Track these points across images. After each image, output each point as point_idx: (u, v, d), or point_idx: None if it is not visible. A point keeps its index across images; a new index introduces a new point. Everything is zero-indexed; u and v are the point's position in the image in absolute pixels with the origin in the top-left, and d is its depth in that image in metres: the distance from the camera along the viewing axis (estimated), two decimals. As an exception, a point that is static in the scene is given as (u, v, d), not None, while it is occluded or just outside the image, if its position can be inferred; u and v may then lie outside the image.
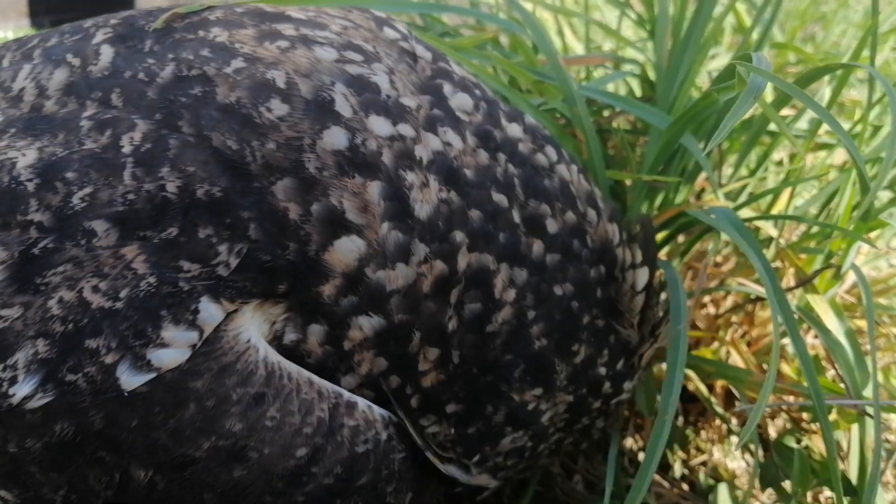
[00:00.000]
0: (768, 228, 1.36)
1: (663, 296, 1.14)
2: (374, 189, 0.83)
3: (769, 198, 1.49)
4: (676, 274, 1.10)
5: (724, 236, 1.47)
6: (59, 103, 0.84)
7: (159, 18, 0.91)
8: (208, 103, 0.83)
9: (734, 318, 1.43)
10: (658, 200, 1.45)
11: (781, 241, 1.35)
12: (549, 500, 1.38)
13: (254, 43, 0.88)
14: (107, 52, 0.88)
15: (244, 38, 0.89)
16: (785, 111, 1.61)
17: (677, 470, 1.44)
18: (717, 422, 1.47)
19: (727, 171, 1.63)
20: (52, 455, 0.76)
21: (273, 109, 0.83)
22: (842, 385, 1.20)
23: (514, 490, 1.39)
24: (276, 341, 0.84)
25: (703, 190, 1.55)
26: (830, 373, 1.37)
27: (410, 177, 0.85)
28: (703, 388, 1.39)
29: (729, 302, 1.45)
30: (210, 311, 0.78)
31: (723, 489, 1.39)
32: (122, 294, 0.75)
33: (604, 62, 1.62)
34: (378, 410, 0.86)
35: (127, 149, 0.80)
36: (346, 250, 0.82)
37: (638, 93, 1.78)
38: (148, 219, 0.77)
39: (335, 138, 0.83)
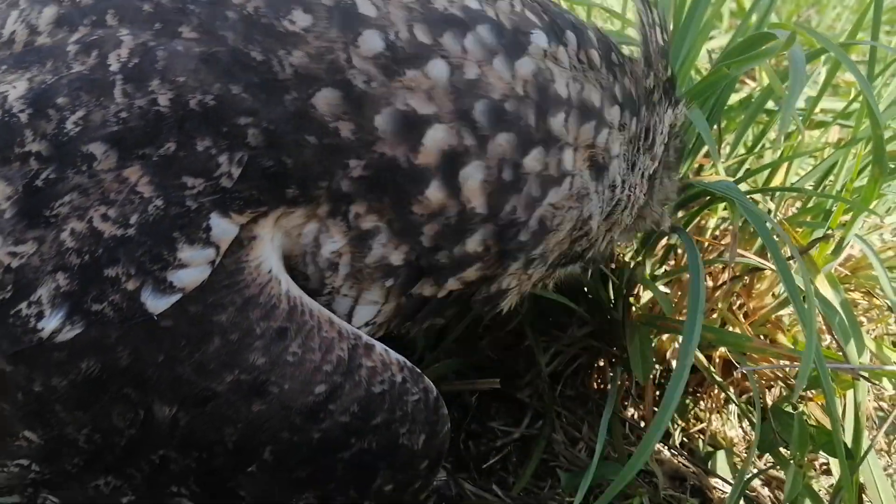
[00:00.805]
0: (766, 203, 1.40)
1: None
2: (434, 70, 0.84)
3: (766, 173, 1.52)
4: (695, 248, 1.14)
5: (720, 210, 1.51)
6: (50, 35, 0.84)
7: None
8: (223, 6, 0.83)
9: (732, 290, 1.47)
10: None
11: (780, 214, 1.38)
12: (553, 468, 1.42)
13: None
14: None
15: None
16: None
17: (677, 437, 1.48)
18: (716, 391, 1.51)
19: (725, 149, 1.67)
20: (78, 393, 0.77)
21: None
22: (839, 353, 1.24)
23: (520, 458, 1.43)
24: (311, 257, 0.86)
25: (701, 167, 1.59)
26: (825, 342, 1.40)
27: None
28: (703, 359, 1.43)
29: (726, 273, 1.49)
30: (222, 227, 0.79)
31: (721, 456, 1.44)
32: (133, 220, 0.76)
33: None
34: (394, 354, 0.87)
35: (115, 66, 0.79)
36: (435, 141, 0.84)
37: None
38: (144, 136, 0.77)
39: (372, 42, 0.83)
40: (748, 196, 1.30)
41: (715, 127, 1.48)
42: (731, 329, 1.46)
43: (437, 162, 0.84)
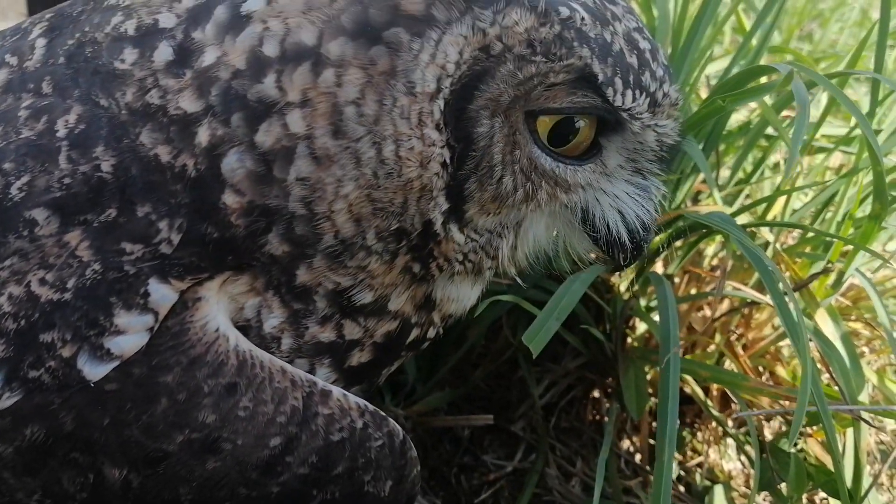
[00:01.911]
0: (765, 232, 1.36)
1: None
2: None
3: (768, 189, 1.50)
4: (669, 292, 1.11)
5: (717, 240, 1.48)
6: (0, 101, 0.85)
7: None
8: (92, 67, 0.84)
9: (730, 322, 1.44)
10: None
11: (778, 245, 1.35)
12: (546, 503, 1.39)
13: None
14: (40, 46, 0.89)
15: None
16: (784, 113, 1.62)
17: (674, 471, 1.45)
18: (714, 424, 1.48)
19: (725, 173, 1.64)
20: (25, 459, 0.76)
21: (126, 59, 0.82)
22: (836, 388, 1.21)
23: (513, 493, 1.40)
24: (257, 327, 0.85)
25: (699, 193, 1.56)
26: (825, 375, 1.37)
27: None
28: (700, 392, 1.40)
29: (725, 305, 1.46)
30: (161, 293, 0.78)
31: (719, 491, 1.40)
32: (70, 284, 0.76)
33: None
34: (353, 399, 0.85)
35: (62, 132, 0.80)
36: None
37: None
38: (86, 201, 0.78)
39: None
40: (746, 228, 1.27)
41: (713, 154, 1.45)
42: (729, 361, 1.43)
43: None
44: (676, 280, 1.48)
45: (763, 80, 1.18)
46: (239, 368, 0.80)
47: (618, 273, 1.41)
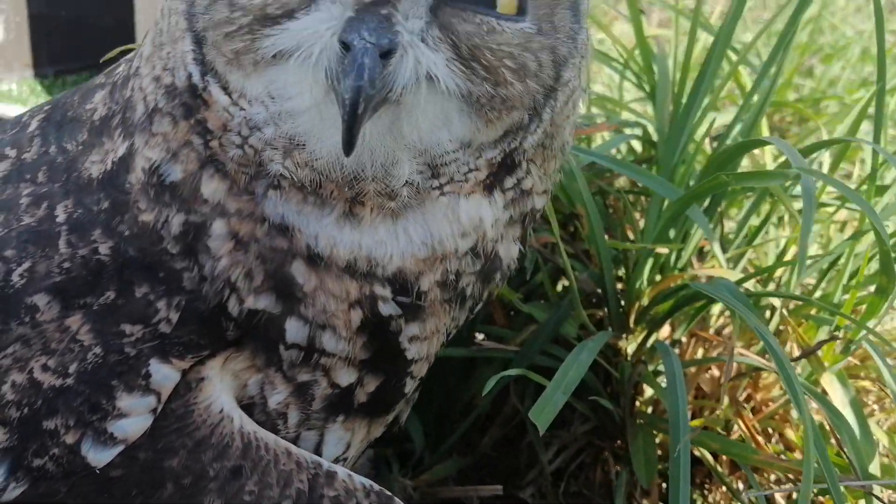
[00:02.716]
0: (771, 299, 1.36)
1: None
2: None
3: (772, 258, 1.49)
4: (677, 366, 1.11)
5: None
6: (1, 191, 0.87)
7: None
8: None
9: (738, 385, 1.43)
10: (661, 264, 1.46)
11: (784, 310, 1.35)
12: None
13: None
14: (37, 136, 0.91)
15: None
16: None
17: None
18: (724, 488, 1.47)
19: (730, 224, 1.64)
20: None
21: None
22: (845, 458, 1.20)
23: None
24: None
25: (703, 249, 1.56)
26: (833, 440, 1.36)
27: None
28: (709, 457, 1.39)
29: (732, 368, 1.45)
30: (163, 373, 0.78)
31: (731, 556, 1.40)
32: (72, 369, 0.76)
33: (608, 130, 1.63)
34: (359, 479, 0.84)
35: (61, 217, 0.82)
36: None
37: (637, 146, 1.79)
38: (86, 285, 0.79)
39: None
40: (751, 297, 1.27)
41: (716, 214, 1.45)
42: (738, 424, 1.42)
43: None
44: (683, 339, 1.48)
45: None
46: (244, 451, 0.79)
47: (625, 337, 1.42)
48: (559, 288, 1.55)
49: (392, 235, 0.82)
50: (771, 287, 1.47)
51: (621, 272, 1.45)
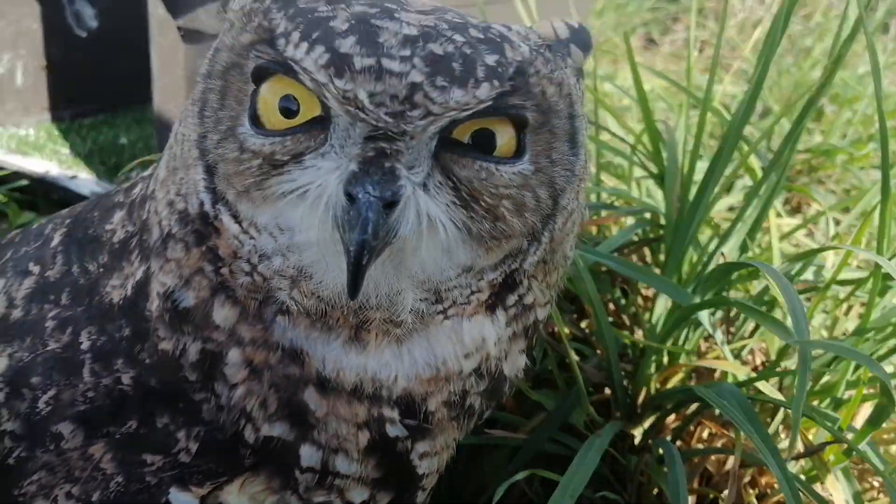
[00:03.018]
0: (774, 392, 1.38)
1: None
2: None
3: (778, 344, 1.51)
4: (680, 472, 1.13)
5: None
6: (24, 310, 0.90)
7: None
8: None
9: (744, 473, 1.45)
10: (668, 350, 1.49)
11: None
12: None
13: None
14: (60, 253, 0.94)
15: None
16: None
17: None
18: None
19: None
20: None
21: None
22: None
23: None
24: None
25: (710, 335, 1.58)
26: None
27: None
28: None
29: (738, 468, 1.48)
30: (181, 500, 0.81)
31: None
32: (95, 497, 0.79)
33: (616, 220, 1.65)
34: None
35: (85, 345, 0.85)
36: None
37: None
38: (109, 414, 0.82)
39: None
40: (754, 398, 1.29)
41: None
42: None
43: None
44: (692, 429, 1.50)
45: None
46: None
47: (633, 422, 1.44)
48: (568, 370, 1.57)
49: (397, 358, 0.85)
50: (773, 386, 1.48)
51: (629, 359, 1.48)
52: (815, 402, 1.41)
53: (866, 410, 1.30)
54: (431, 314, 0.84)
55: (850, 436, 1.25)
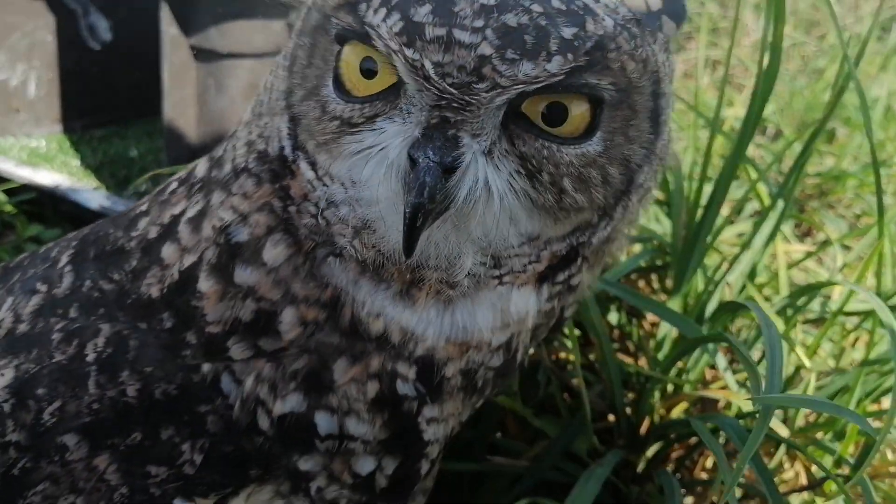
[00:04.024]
0: (777, 426, 1.37)
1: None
2: None
3: (786, 373, 1.50)
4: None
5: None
6: (30, 324, 0.91)
7: None
8: None
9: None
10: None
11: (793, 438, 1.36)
12: None
13: None
14: (67, 272, 0.95)
15: None
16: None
17: None
18: None
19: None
20: None
21: None
22: None
23: None
24: None
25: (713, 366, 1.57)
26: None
27: None
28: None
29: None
30: None
31: None
32: None
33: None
34: None
35: (91, 357, 0.86)
36: None
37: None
38: (113, 426, 0.82)
39: None
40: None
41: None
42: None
43: None
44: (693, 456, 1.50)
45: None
46: None
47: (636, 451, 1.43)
48: (572, 397, 1.57)
49: (439, 316, 0.86)
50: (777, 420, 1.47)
51: (633, 386, 1.47)
52: (819, 434, 1.40)
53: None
54: (487, 279, 0.85)
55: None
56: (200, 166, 0.96)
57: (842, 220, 2.41)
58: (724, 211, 2.02)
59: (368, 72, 0.80)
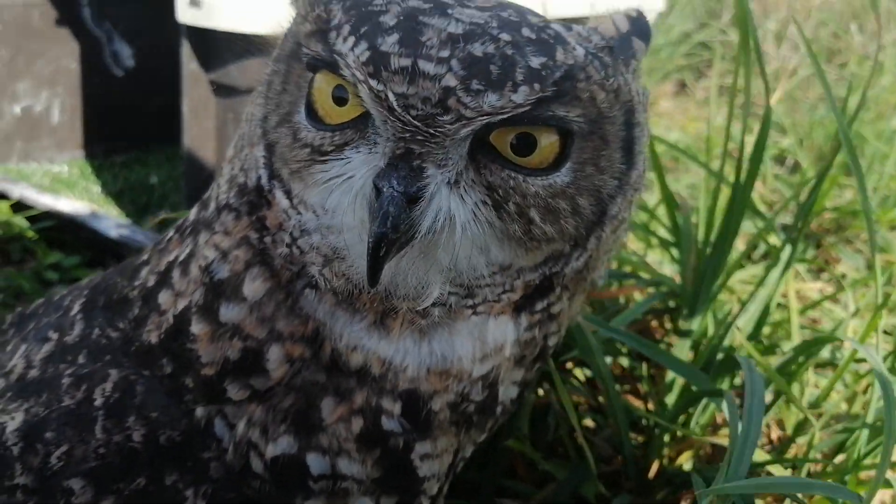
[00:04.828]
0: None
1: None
2: None
3: (795, 419, 1.50)
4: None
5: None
6: (41, 370, 0.93)
7: None
8: None
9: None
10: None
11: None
12: None
13: None
14: (78, 321, 0.97)
15: None
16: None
17: None
18: None
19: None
20: None
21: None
22: None
23: None
24: None
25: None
26: None
27: None
28: None
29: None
30: None
31: None
32: None
33: (632, 292, 1.65)
34: None
35: (99, 401, 0.87)
36: None
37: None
38: (119, 471, 0.83)
39: None
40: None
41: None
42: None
43: None
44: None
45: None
46: None
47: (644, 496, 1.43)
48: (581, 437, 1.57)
49: (416, 346, 0.86)
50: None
51: (641, 429, 1.47)
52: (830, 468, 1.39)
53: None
54: (460, 308, 0.86)
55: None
56: (192, 210, 0.98)
57: (859, 256, 2.39)
58: (740, 244, 2.03)
59: (340, 100, 0.80)
